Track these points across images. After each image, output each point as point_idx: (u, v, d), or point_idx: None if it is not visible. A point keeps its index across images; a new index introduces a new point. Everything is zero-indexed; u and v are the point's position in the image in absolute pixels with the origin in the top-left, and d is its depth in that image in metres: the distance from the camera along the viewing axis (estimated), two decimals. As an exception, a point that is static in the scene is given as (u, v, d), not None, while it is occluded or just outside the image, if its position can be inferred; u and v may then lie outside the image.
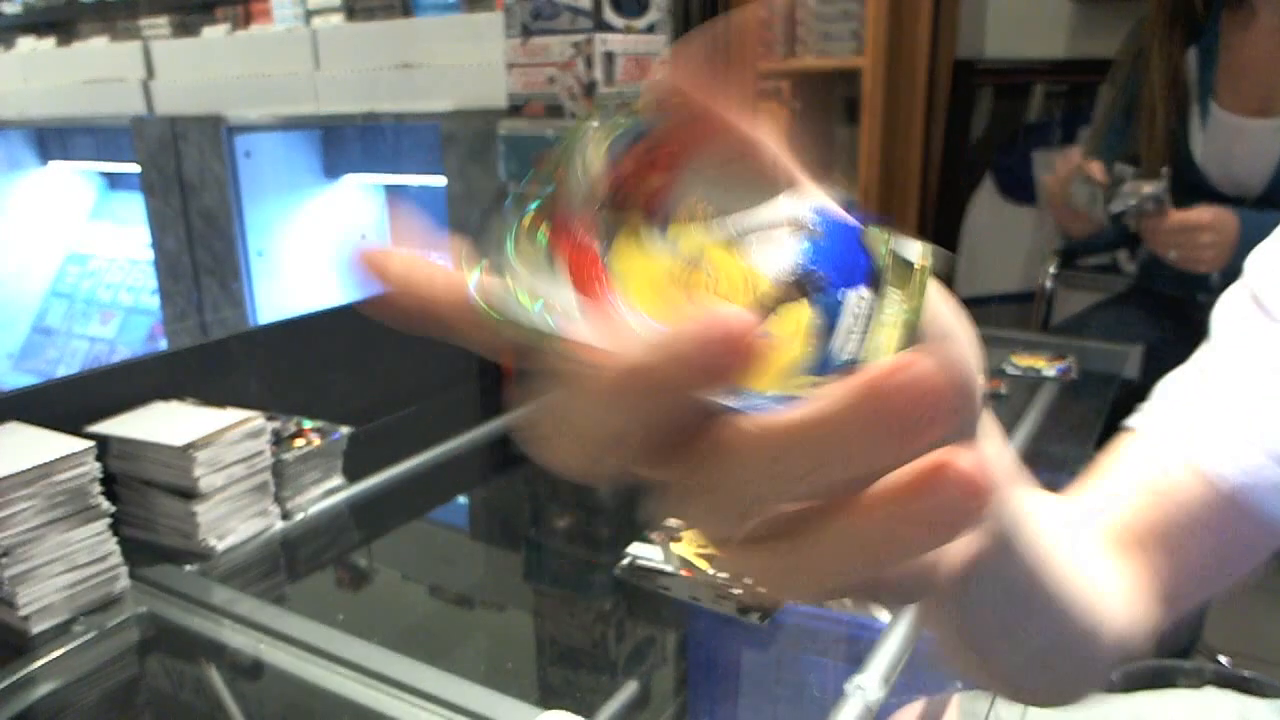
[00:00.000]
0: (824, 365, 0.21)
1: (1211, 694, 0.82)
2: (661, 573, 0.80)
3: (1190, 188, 1.49)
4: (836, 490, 0.21)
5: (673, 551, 0.82)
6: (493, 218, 0.22)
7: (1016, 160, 2.46)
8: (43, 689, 0.72)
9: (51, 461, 0.76)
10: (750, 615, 0.76)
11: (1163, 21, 1.47)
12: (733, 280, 0.21)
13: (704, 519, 0.23)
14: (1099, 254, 1.78)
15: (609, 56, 1.31)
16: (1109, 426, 1.17)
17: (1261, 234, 1.26)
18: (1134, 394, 1.29)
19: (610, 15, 1.30)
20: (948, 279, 0.24)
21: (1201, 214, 1.35)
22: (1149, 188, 1.37)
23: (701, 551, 0.80)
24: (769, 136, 0.23)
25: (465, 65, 1.99)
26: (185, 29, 2.80)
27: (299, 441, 0.98)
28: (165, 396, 0.99)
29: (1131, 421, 0.52)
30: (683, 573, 0.79)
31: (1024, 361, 1.38)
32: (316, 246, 2.64)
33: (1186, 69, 1.47)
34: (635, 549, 0.85)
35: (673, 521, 0.84)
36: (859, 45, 2.61)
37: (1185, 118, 1.48)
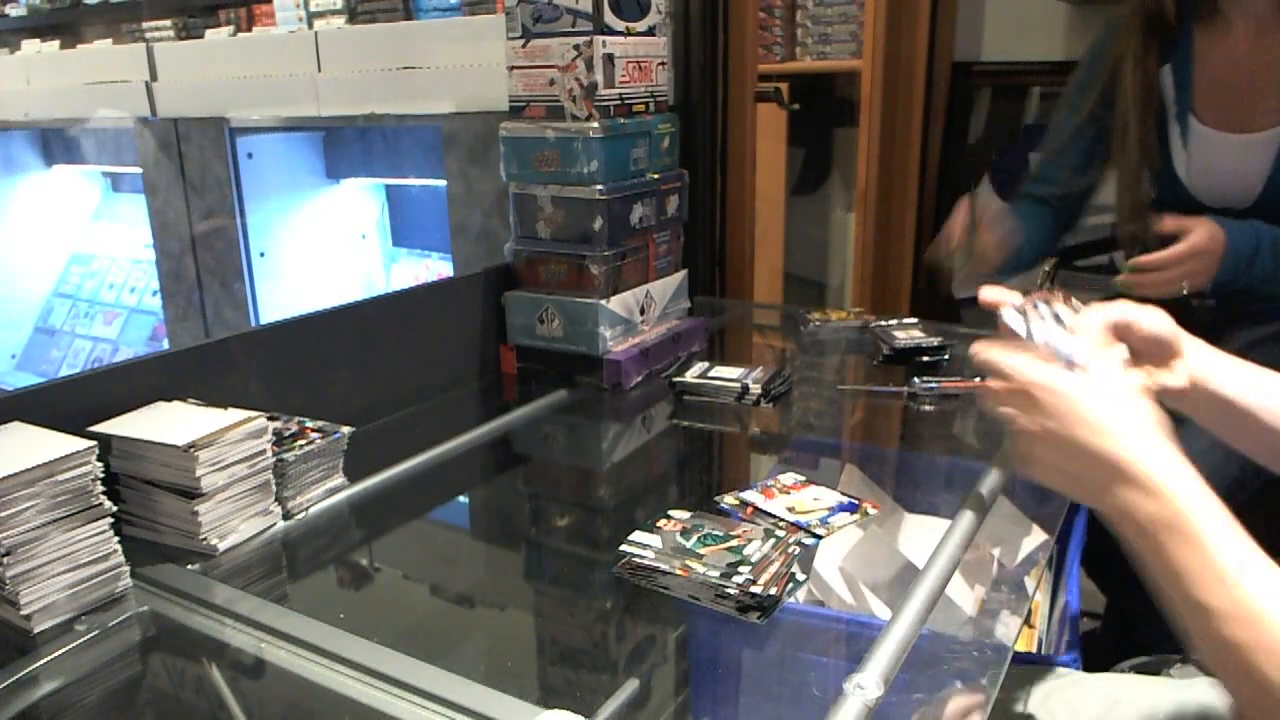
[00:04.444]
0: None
1: (1201, 684, 0.84)
2: (661, 572, 0.81)
3: (1178, 203, 1.47)
4: None
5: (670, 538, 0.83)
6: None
7: (1014, 161, 2.46)
8: (45, 688, 0.73)
9: (54, 461, 0.76)
10: (750, 614, 0.76)
11: (1137, 36, 1.42)
12: None
13: None
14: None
15: (609, 59, 1.32)
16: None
17: (1244, 241, 1.31)
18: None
19: (611, 18, 1.31)
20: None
21: (1179, 251, 1.30)
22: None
23: None
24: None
25: (466, 67, 2.00)
26: (188, 31, 2.81)
27: (300, 441, 0.98)
28: (167, 397, 0.99)
29: None
30: (681, 572, 0.80)
31: (1023, 362, 1.38)
32: (318, 247, 2.64)
33: (1162, 85, 1.42)
34: (635, 536, 0.86)
35: None
36: (858, 47, 2.61)
37: (1165, 134, 1.43)
